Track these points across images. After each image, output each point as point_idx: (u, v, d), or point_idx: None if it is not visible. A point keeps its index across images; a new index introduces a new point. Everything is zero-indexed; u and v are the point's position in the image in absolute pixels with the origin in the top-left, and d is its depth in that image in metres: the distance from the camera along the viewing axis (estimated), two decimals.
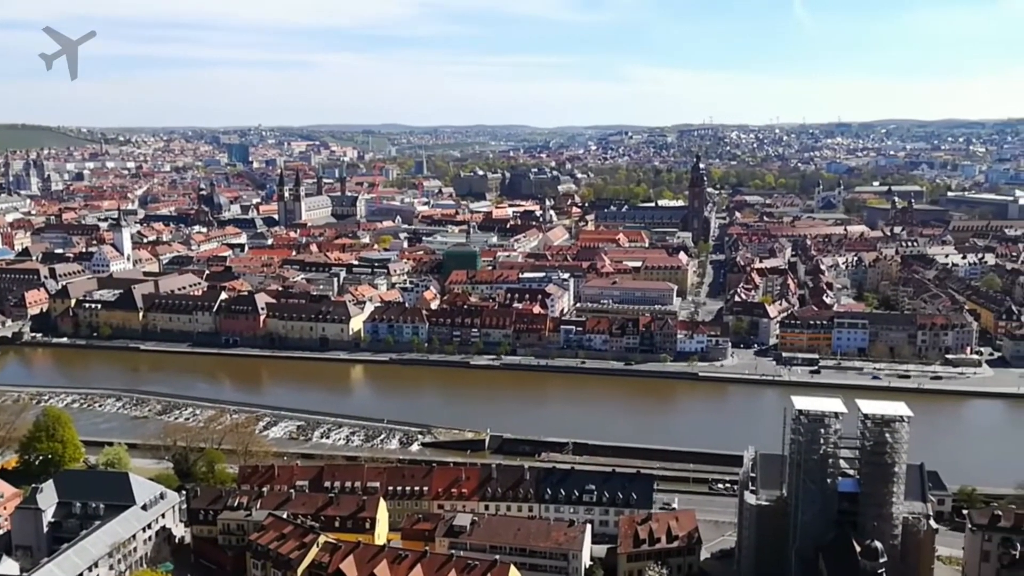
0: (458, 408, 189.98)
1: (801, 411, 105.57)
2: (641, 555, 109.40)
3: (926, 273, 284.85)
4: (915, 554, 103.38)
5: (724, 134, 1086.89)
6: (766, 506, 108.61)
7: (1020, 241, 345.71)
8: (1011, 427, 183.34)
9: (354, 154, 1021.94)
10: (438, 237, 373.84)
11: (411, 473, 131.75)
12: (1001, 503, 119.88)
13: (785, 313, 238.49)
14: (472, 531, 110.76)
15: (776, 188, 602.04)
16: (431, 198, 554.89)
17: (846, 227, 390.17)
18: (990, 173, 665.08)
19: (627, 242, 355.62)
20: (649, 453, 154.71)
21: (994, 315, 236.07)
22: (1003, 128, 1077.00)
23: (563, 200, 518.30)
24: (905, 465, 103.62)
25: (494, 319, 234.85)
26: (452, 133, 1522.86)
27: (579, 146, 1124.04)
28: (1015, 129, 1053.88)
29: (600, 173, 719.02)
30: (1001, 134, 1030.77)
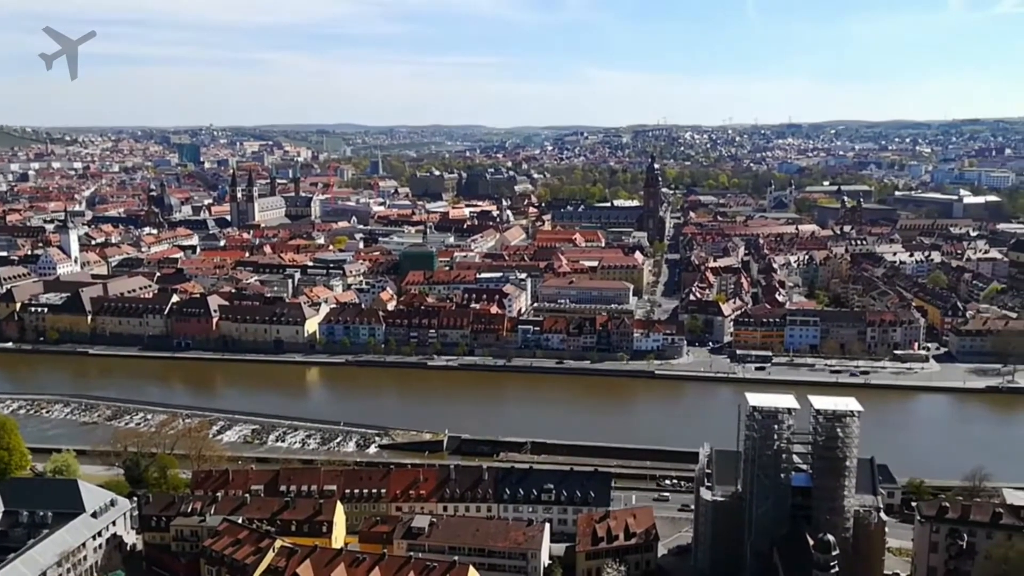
0: (416, 409, 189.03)
1: (755, 407, 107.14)
2: (599, 553, 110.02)
3: (875, 271, 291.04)
4: (866, 546, 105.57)
5: (678, 135, 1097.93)
6: (722, 502, 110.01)
7: (965, 239, 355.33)
8: (957, 420, 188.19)
9: (308, 154, 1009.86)
10: (394, 238, 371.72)
11: (368, 475, 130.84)
12: (948, 495, 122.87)
13: (739, 311, 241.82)
14: (431, 532, 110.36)
15: (729, 188, 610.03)
16: (387, 198, 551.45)
17: (797, 226, 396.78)
18: (935, 173, 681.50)
19: (584, 242, 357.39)
20: (607, 451, 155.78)
21: (940, 311, 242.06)
22: (948, 129, 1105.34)
23: (520, 200, 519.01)
24: (856, 459, 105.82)
25: (451, 320, 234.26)
26: (408, 133, 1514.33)
27: (535, 146, 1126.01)
28: (959, 130, 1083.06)
29: (556, 173, 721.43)
30: (946, 135, 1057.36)
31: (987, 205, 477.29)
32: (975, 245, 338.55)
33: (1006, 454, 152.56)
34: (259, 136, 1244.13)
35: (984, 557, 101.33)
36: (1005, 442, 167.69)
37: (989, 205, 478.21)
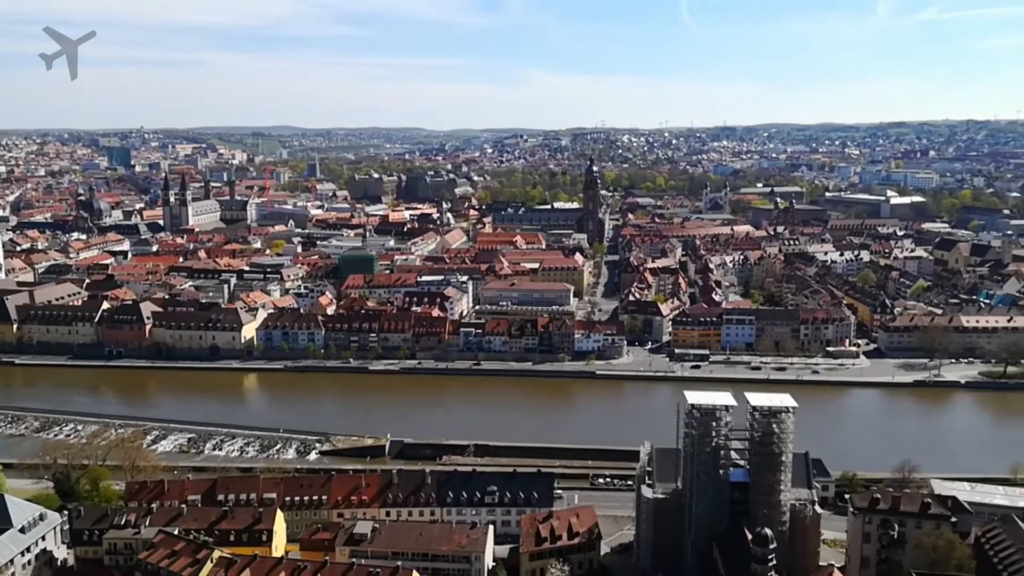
0: (357, 414, 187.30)
1: (694, 405, 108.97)
2: (543, 553, 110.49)
3: (807, 270, 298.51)
4: (802, 538, 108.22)
5: (616, 137, 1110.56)
6: (662, 499, 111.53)
7: (892, 239, 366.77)
8: (887, 414, 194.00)
9: (243, 157, 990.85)
10: (333, 241, 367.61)
11: (309, 482, 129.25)
12: (880, 486, 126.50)
13: (677, 311, 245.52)
14: (373, 538, 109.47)
15: (666, 190, 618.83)
16: (325, 201, 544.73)
17: (732, 227, 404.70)
18: (864, 174, 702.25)
19: (524, 244, 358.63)
20: (550, 452, 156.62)
21: (870, 309, 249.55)
22: (875, 132, 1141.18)
23: (460, 203, 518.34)
24: (791, 454, 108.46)
25: (392, 323, 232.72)
26: (346, 135, 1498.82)
27: (475, 149, 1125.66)
28: (886, 133, 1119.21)
29: (497, 176, 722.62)
30: (873, 137, 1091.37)
31: (913, 205, 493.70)
32: (902, 244, 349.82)
33: (933, 446, 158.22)
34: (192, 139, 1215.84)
35: (914, 546, 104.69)
36: (932, 434, 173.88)
37: (915, 205, 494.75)
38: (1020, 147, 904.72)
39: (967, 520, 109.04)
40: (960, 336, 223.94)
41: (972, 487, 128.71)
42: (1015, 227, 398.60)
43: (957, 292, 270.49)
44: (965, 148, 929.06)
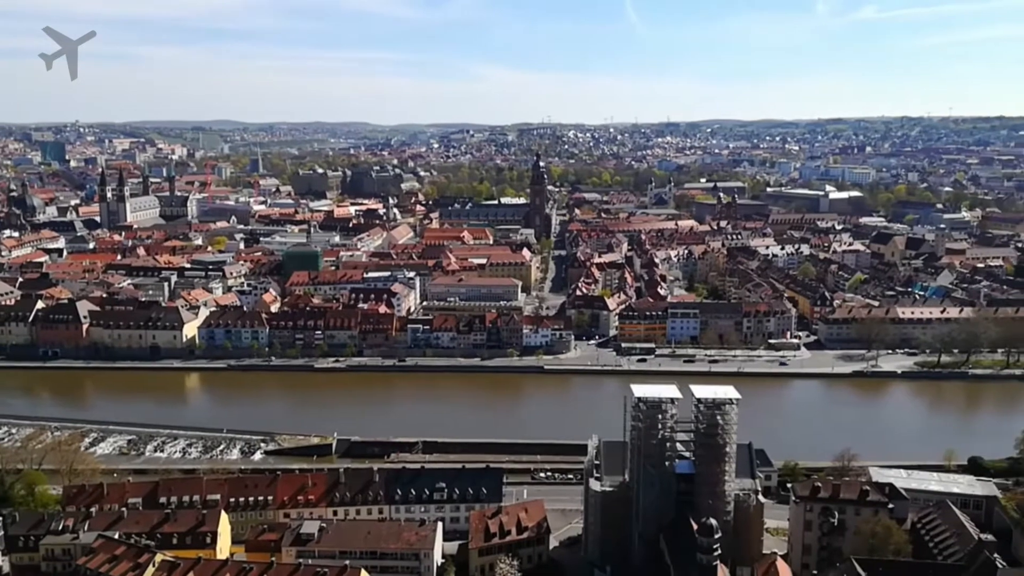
0: (303, 413, 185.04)
1: (640, 398, 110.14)
2: (492, 548, 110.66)
3: (749, 264, 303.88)
4: (746, 528, 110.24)
5: (562, 133, 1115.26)
6: (610, 492, 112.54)
7: (831, 232, 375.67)
8: (827, 404, 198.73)
9: (183, 152, 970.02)
10: (277, 237, 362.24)
11: (254, 483, 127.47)
12: (820, 475, 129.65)
13: (623, 305, 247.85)
14: (320, 538, 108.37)
15: (612, 185, 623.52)
16: (268, 197, 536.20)
17: (677, 222, 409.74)
18: (803, 170, 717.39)
19: (472, 239, 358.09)
20: (498, 447, 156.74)
21: (810, 301, 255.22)
22: (814, 128, 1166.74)
23: (407, 198, 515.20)
24: (735, 445, 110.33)
25: (338, 320, 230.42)
26: (289, 130, 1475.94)
27: (421, 144, 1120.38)
28: (824, 129, 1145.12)
29: (443, 171, 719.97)
30: (812, 133, 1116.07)
31: (850, 200, 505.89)
32: (840, 238, 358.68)
33: (871, 434, 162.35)
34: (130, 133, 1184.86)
35: (854, 533, 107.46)
36: (870, 423, 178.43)
37: (852, 200, 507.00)
38: (952, 143, 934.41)
39: (904, 506, 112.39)
40: (896, 327, 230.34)
41: (908, 474, 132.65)
42: (948, 221, 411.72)
43: (893, 284, 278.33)
44: (900, 144, 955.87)
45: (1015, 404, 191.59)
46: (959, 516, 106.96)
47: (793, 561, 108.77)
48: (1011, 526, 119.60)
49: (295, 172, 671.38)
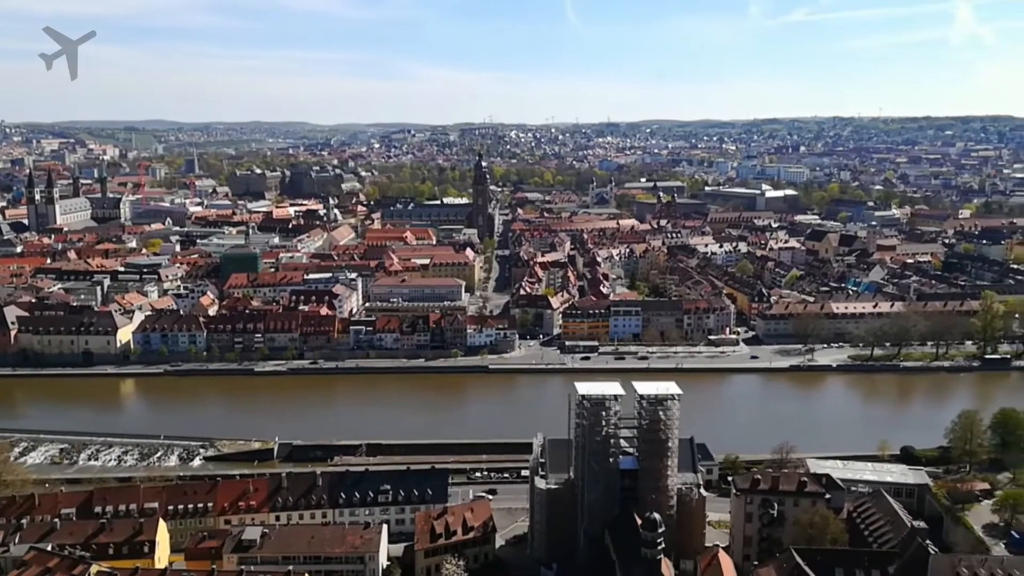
0: (243, 418, 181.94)
1: (584, 396, 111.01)
2: (438, 549, 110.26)
3: (689, 262, 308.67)
4: (689, 521, 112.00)
5: (504, 133, 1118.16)
6: (555, 489, 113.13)
7: (767, 230, 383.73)
8: (766, 398, 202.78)
9: (116, 152, 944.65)
10: (214, 239, 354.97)
11: (193, 489, 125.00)
12: (760, 468, 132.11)
13: (567, 304, 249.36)
14: (263, 544, 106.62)
15: (554, 185, 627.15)
16: (205, 198, 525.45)
17: (618, 221, 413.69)
18: (740, 169, 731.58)
19: (414, 240, 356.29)
20: (444, 448, 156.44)
21: (748, 298, 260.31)
22: (750, 128, 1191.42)
23: (348, 199, 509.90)
24: (677, 440, 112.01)
25: (279, 323, 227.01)
26: (226, 130, 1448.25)
27: (362, 144, 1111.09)
28: (760, 129, 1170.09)
29: (385, 171, 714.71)
30: (748, 133, 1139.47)
31: (786, 198, 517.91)
32: (776, 236, 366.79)
33: (808, 427, 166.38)
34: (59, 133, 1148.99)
35: (793, 523, 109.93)
36: (807, 416, 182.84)
37: (787, 198, 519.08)
38: (882, 143, 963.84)
39: (840, 496, 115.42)
40: (831, 322, 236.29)
41: (844, 464, 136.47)
42: (879, 218, 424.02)
43: (827, 280, 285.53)
44: (832, 144, 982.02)
45: (944, 395, 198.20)
46: (893, 504, 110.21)
47: (735, 553, 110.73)
48: (942, 513, 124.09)
49: (232, 173, 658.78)
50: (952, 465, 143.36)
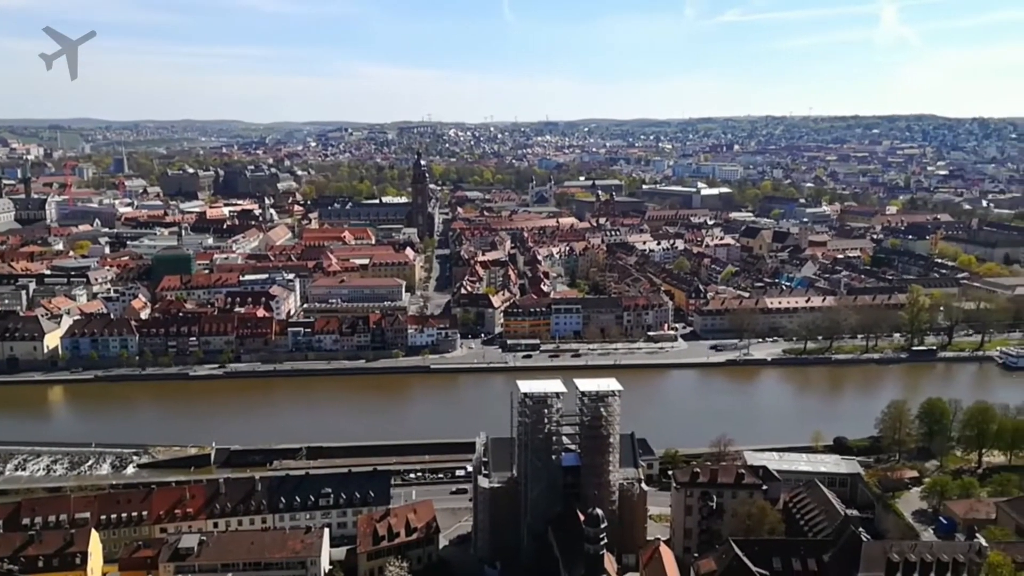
0: (178, 423, 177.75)
1: (526, 394, 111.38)
2: (381, 552, 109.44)
3: (628, 259, 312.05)
4: (631, 515, 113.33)
5: (443, 131, 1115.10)
6: (498, 488, 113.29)
7: (703, 228, 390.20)
8: (704, 392, 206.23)
9: (40, 152, 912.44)
10: (145, 241, 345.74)
11: (127, 498, 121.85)
12: (699, 461, 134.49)
13: (508, 303, 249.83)
14: (200, 552, 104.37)
15: (494, 184, 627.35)
16: (135, 199, 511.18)
17: (558, 219, 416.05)
18: (676, 167, 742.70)
19: (353, 240, 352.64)
20: (386, 449, 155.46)
21: (685, 294, 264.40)
22: (686, 127, 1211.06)
23: (284, 198, 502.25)
24: (618, 435, 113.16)
25: (214, 325, 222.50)
26: (156, 128, 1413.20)
27: (298, 142, 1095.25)
28: (695, 128, 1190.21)
29: (322, 170, 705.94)
30: (684, 132, 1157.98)
31: (721, 196, 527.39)
32: (712, 233, 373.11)
33: (745, 420, 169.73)
34: None
35: (731, 515, 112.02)
36: (744, 409, 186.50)
37: (722, 196, 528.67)
38: (812, 141, 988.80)
39: (776, 487, 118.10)
40: (765, 317, 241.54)
41: (780, 456, 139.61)
42: (810, 215, 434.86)
43: (761, 276, 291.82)
44: (765, 142, 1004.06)
45: (874, 386, 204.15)
46: (826, 494, 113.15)
47: (675, 546, 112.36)
48: (873, 501, 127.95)
49: (163, 172, 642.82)
50: (882, 454, 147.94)
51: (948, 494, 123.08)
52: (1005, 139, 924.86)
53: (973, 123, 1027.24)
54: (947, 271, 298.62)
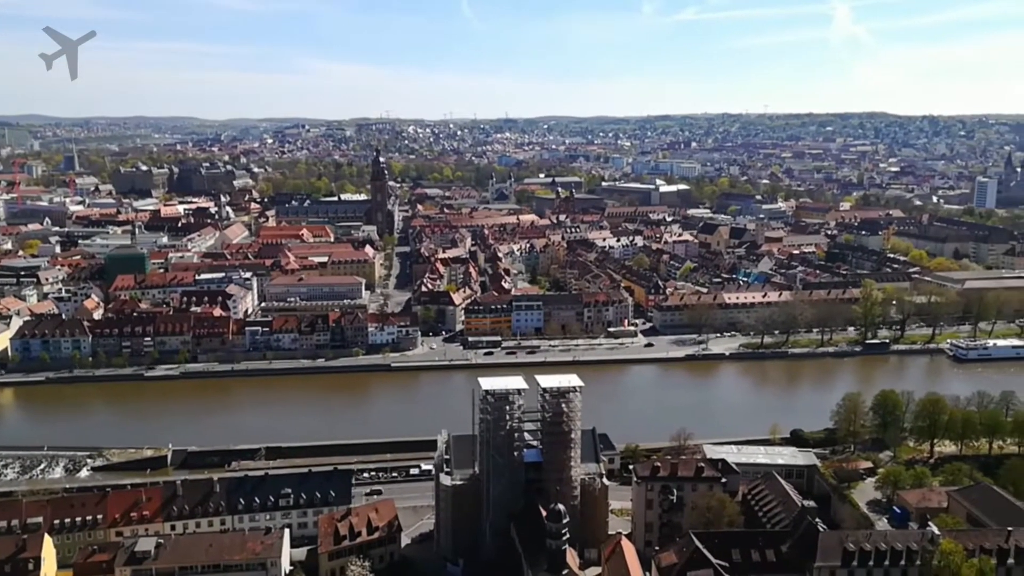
0: (134, 425, 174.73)
1: (487, 391, 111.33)
2: (342, 551, 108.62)
3: (588, 256, 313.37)
4: (592, 510, 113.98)
5: (402, 128, 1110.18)
6: (460, 485, 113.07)
7: (662, 224, 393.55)
8: (664, 387, 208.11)
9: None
10: (98, 240, 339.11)
11: (81, 502, 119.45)
12: (659, 455, 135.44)
13: (469, 300, 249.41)
14: (158, 555, 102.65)
15: (454, 181, 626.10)
16: (86, 197, 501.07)
17: (518, 216, 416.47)
18: (635, 164, 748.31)
19: (311, 237, 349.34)
20: (346, 448, 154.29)
21: (645, 290, 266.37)
22: (644, 124, 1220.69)
23: (240, 196, 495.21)
24: (580, 431, 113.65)
25: (169, 325, 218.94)
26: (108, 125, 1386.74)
27: (254, 139, 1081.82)
28: (653, 125, 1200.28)
29: (279, 167, 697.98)
30: (642, 130, 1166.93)
31: (679, 193, 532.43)
32: (671, 229, 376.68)
33: (704, 414, 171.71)
34: None
35: (691, 508, 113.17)
36: (703, 403, 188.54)
37: (681, 193, 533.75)
38: (768, 139, 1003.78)
39: (735, 480, 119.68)
40: (723, 312, 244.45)
41: (738, 449, 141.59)
42: (766, 211, 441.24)
43: (719, 272, 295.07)
44: (722, 140, 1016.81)
45: (829, 379, 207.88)
46: (784, 486, 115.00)
47: (637, 539, 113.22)
48: (829, 492, 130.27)
49: (116, 170, 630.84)
50: (838, 446, 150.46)
51: (901, 484, 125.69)
52: (954, 136, 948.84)
53: (923, 121, 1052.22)
54: (899, 266, 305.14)
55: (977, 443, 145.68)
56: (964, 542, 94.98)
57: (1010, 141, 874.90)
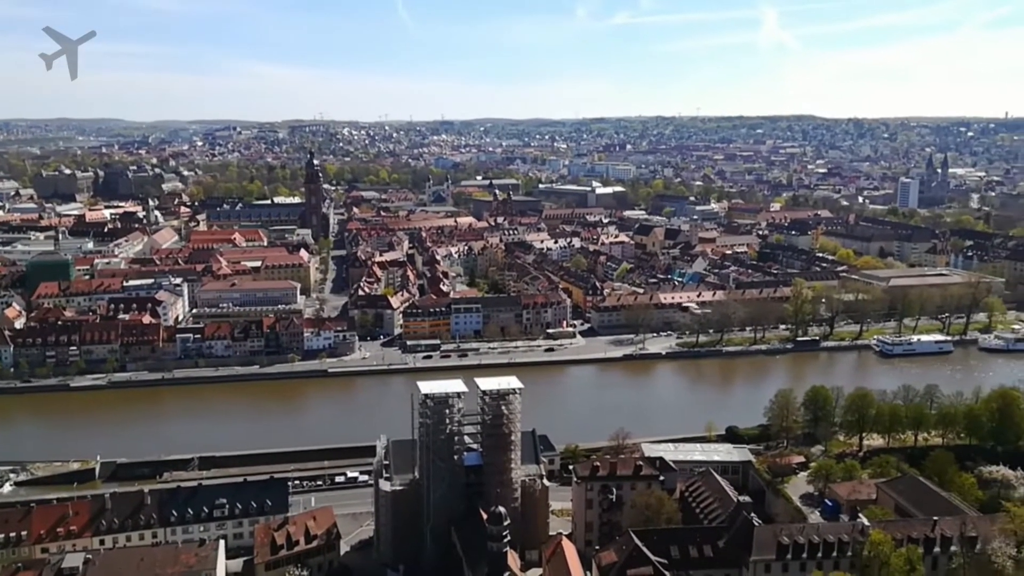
0: (59, 437, 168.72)
1: (427, 395, 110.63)
2: (280, 561, 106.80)
3: (526, 258, 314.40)
4: (533, 511, 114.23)
5: (336, 130, 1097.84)
6: (400, 491, 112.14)
7: (599, 226, 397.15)
8: (602, 387, 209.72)
9: None
10: (19, 246, 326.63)
11: (4, 518, 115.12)
12: (599, 455, 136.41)
13: (407, 303, 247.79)
14: (86, 571, 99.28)
15: (390, 183, 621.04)
16: (6, 201, 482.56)
17: (456, 219, 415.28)
18: (571, 167, 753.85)
19: (244, 241, 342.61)
20: (283, 456, 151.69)
21: (583, 291, 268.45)
22: (579, 127, 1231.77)
23: (169, 199, 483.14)
24: (520, 433, 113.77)
25: (96, 334, 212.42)
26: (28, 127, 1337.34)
27: (183, 141, 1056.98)
28: (589, 128, 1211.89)
29: (209, 170, 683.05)
30: (578, 132, 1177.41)
31: (615, 195, 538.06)
32: (607, 231, 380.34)
33: (642, 413, 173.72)
34: None
35: (631, 507, 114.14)
36: (640, 402, 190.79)
37: (617, 195, 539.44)
38: (700, 141, 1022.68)
39: (673, 477, 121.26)
40: (659, 312, 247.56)
41: (676, 447, 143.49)
42: (700, 212, 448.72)
43: (655, 272, 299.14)
44: (656, 142, 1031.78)
45: (762, 376, 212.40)
46: (720, 482, 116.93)
47: (577, 539, 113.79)
48: (764, 487, 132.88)
49: (38, 173, 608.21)
50: (772, 441, 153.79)
51: (832, 477, 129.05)
52: (878, 138, 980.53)
53: (849, 123, 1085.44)
54: (827, 265, 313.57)
55: (903, 435, 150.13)
56: (892, 532, 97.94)
57: (931, 143, 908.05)
